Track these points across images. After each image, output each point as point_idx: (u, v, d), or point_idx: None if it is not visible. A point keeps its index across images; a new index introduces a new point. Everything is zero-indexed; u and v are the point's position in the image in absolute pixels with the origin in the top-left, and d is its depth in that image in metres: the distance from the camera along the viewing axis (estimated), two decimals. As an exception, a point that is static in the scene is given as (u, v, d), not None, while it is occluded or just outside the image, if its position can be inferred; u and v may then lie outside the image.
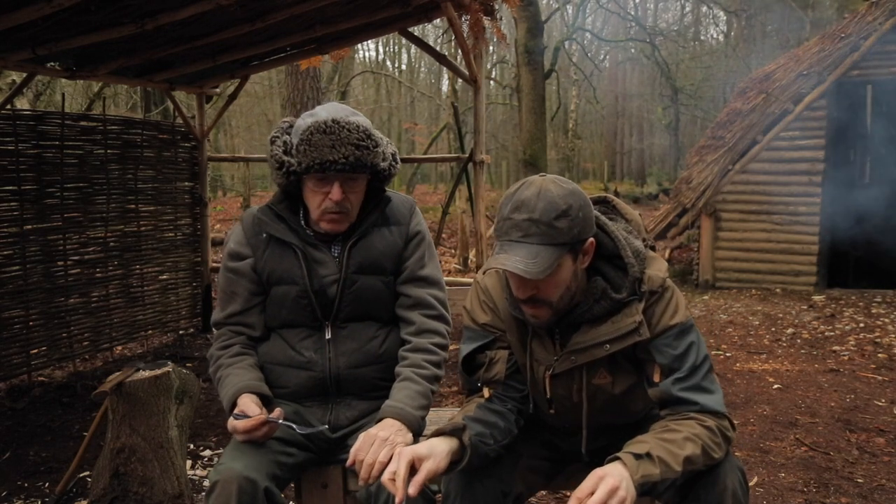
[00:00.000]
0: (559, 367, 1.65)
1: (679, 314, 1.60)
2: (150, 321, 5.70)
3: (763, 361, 5.24)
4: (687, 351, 1.57)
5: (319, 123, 1.76)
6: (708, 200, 8.18)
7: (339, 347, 1.89)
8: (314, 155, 1.74)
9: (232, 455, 1.68)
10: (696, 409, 1.54)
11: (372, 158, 1.81)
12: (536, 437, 1.83)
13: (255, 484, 1.60)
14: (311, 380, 1.88)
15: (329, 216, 1.83)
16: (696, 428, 1.50)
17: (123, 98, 15.77)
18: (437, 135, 19.93)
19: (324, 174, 1.77)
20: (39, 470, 3.37)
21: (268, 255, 1.90)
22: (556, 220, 1.48)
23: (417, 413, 1.76)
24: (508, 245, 1.50)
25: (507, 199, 1.54)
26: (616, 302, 1.60)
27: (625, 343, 1.59)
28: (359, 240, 1.90)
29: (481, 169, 5.22)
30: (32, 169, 4.69)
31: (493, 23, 4.89)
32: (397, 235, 1.95)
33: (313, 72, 9.17)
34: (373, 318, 1.94)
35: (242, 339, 1.93)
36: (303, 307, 1.88)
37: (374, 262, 1.90)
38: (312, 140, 1.75)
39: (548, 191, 1.50)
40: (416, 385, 1.82)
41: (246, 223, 1.95)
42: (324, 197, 1.81)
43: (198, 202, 6.09)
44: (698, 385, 1.56)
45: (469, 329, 1.77)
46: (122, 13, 3.66)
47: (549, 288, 1.55)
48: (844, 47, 7.68)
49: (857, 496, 2.99)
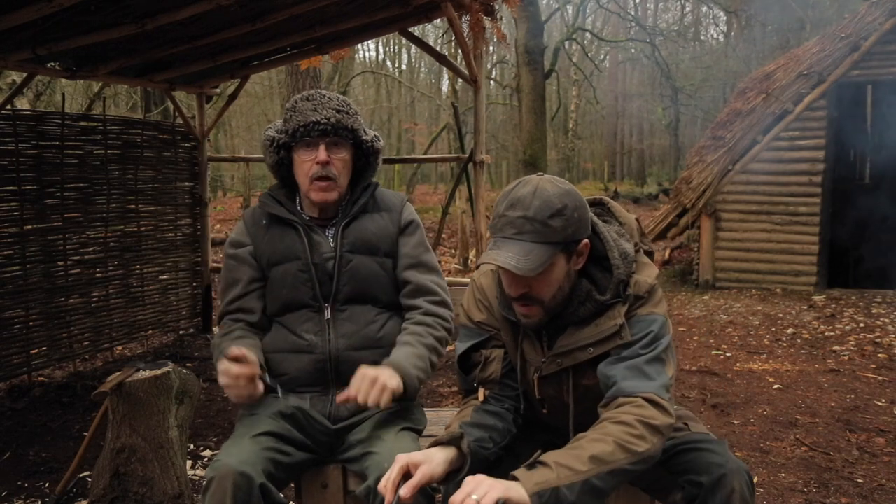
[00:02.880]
0: (546, 369, 1.66)
1: (653, 307, 1.59)
2: (150, 321, 5.70)
3: (763, 361, 5.24)
4: (643, 337, 1.55)
5: (304, 95, 1.93)
6: (708, 200, 8.18)
7: (339, 329, 1.93)
8: (298, 119, 1.88)
9: (228, 451, 1.69)
10: (613, 390, 1.51)
11: (353, 123, 1.93)
12: (537, 439, 1.83)
13: (251, 479, 1.60)
14: (311, 363, 1.91)
15: (317, 184, 1.91)
16: (607, 427, 1.44)
17: (123, 98, 15.76)
18: (437, 135, 19.93)
19: (309, 138, 1.89)
20: (39, 470, 3.37)
21: (268, 238, 1.98)
22: (551, 219, 1.48)
23: (413, 371, 1.81)
24: (502, 241, 1.51)
25: (503, 197, 1.55)
26: (600, 304, 1.59)
27: (607, 346, 1.58)
28: (351, 221, 1.99)
29: (481, 169, 5.22)
30: (32, 169, 4.69)
31: (493, 23, 4.88)
32: (388, 221, 2.03)
33: (313, 72, 9.16)
34: (371, 301, 1.98)
35: (242, 325, 1.98)
36: (303, 283, 1.93)
37: (367, 242, 1.98)
38: (297, 107, 1.91)
39: (544, 189, 1.51)
40: (414, 349, 1.88)
41: (247, 215, 2.06)
42: (311, 164, 1.90)
43: (198, 202, 6.09)
44: (634, 366, 1.52)
45: (465, 327, 1.79)
46: (122, 13, 3.66)
47: (541, 287, 1.55)
48: (844, 47, 7.68)
49: (857, 496, 2.99)
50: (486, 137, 5.21)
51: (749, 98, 8.49)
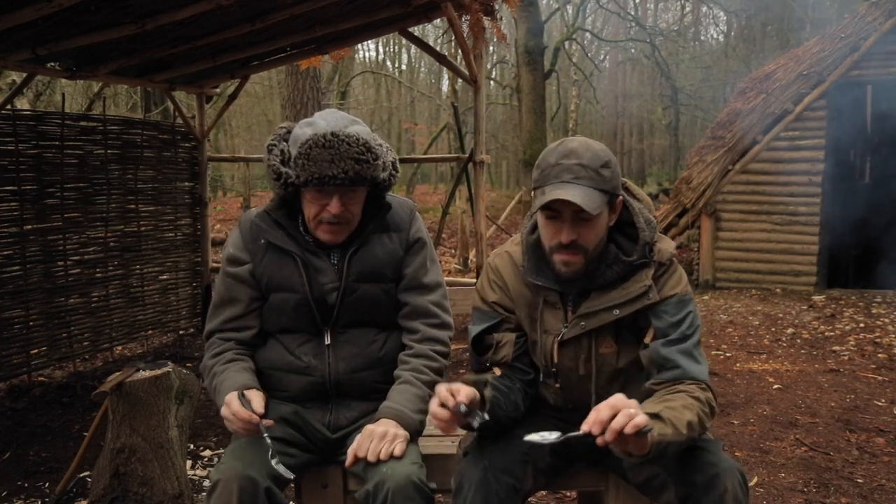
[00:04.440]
0: (569, 333, 1.71)
1: (681, 285, 1.70)
2: (150, 321, 5.70)
3: (763, 361, 5.24)
4: (682, 319, 1.66)
5: (318, 137, 1.71)
6: (708, 200, 8.18)
7: (339, 352, 1.88)
8: (313, 169, 1.71)
9: (233, 454, 1.68)
10: (678, 372, 1.61)
11: (371, 172, 1.77)
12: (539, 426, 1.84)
13: (256, 483, 1.60)
14: (310, 384, 1.87)
15: (327, 227, 1.81)
16: (688, 399, 1.56)
17: (123, 98, 15.76)
18: (437, 135, 19.93)
19: (322, 188, 1.74)
20: (39, 470, 3.37)
21: (266, 261, 1.87)
22: (602, 168, 1.59)
23: (416, 416, 1.77)
24: (560, 185, 1.58)
25: (550, 151, 1.64)
26: (627, 266, 1.67)
27: (634, 307, 1.66)
28: (358, 248, 1.87)
29: (481, 169, 5.22)
30: (32, 169, 4.69)
31: (493, 23, 4.89)
32: (397, 242, 1.92)
33: (313, 72, 9.16)
34: (372, 323, 1.93)
35: (232, 344, 1.90)
36: (303, 314, 1.86)
37: (375, 270, 1.88)
38: (311, 154, 1.70)
39: (591, 144, 1.63)
40: (414, 388, 1.81)
41: (244, 228, 1.92)
42: (321, 208, 1.78)
43: (198, 202, 6.09)
44: (687, 351, 1.64)
45: (478, 310, 1.83)
46: (122, 13, 3.66)
47: (588, 234, 1.62)
48: (844, 47, 7.68)
49: (857, 496, 2.99)
50: (486, 137, 5.21)
51: (749, 98, 8.48)
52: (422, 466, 1.68)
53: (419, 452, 1.75)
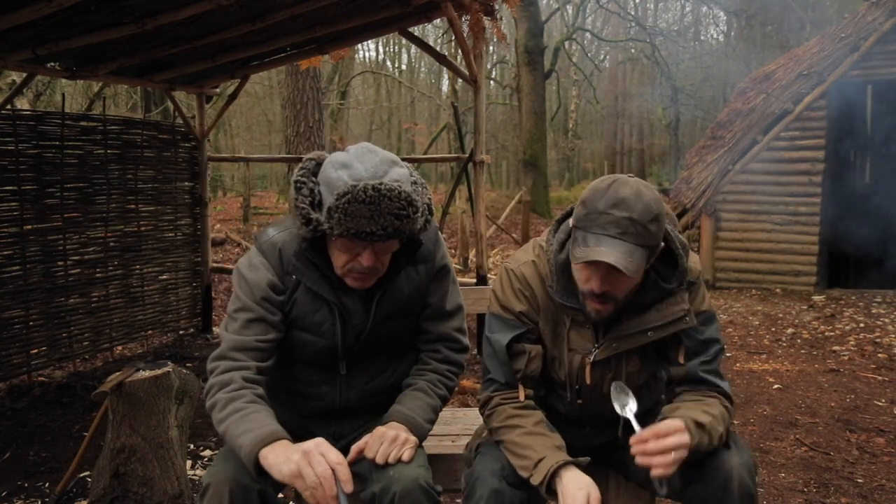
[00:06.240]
0: (600, 354, 1.69)
1: (706, 302, 1.72)
2: (150, 321, 5.69)
3: (763, 361, 5.25)
4: (711, 337, 1.70)
5: (359, 192, 1.53)
6: (708, 200, 8.18)
7: (352, 381, 1.85)
8: (349, 224, 1.55)
9: (225, 457, 1.65)
10: (717, 390, 1.68)
11: (410, 226, 1.61)
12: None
13: (248, 487, 1.58)
14: (318, 408, 1.86)
15: (357, 276, 1.69)
16: (721, 409, 1.64)
17: (123, 98, 15.76)
18: (437, 135, 19.93)
19: (356, 241, 1.61)
20: (39, 470, 3.37)
21: (298, 298, 1.76)
22: (650, 224, 1.51)
23: (426, 426, 1.76)
24: (606, 239, 1.50)
25: (600, 194, 1.53)
26: (664, 291, 1.65)
27: (670, 330, 1.65)
28: (387, 290, 1.79)
29: (481, 169, 5.22)
30: (32, 169, 4.69)
31: (493, 23, 4.88)
32: (423, 274, 1.84)
33: (313, 72, 9.18)
34: (388, 353, 1.89)
35: (251, 373, 1.69)
36: (325, 356, 1.81)
37: (402, 306, 1.83)
38: (349, 210, 1.53)
39: (643, 193, 1.52)
40: (428, 398, 1.80)
41: (271, 255, 1.75)
42: (352, 258, 1.65)
43: (198, 202, 6.09)
44: (717, 370, 1.70)
45: (500, 318, 1.75)
46: (122, 13, 3.66)
47: (622, 286, 1.59)
48: (844, 47, 7.68)
49: (857, 496, 2.99)
50: (486, 137, 5.21)
51: (749, 98, 8.49)
52: (428, 469, 1.67)
53: (425, 455, 1.74)
